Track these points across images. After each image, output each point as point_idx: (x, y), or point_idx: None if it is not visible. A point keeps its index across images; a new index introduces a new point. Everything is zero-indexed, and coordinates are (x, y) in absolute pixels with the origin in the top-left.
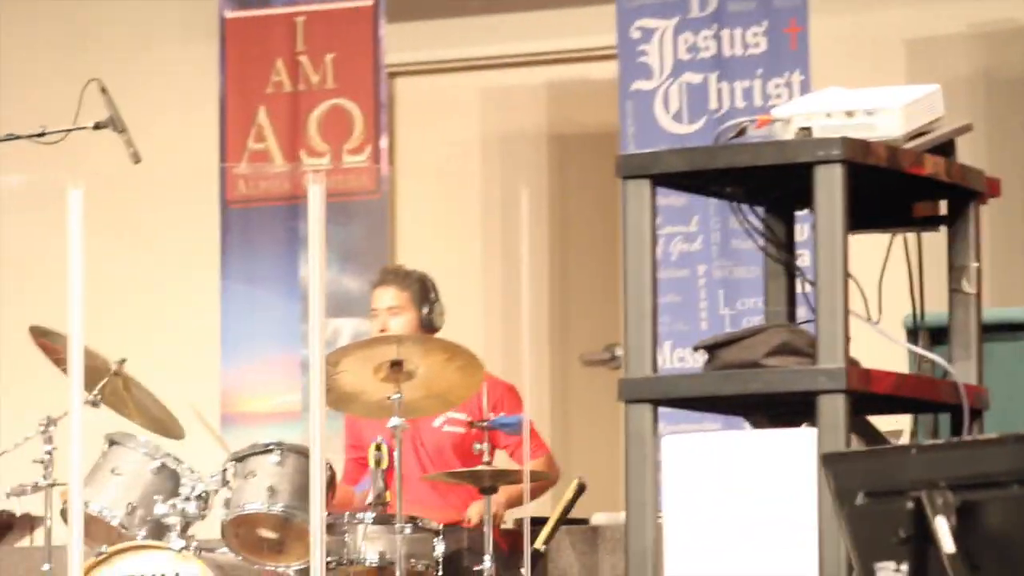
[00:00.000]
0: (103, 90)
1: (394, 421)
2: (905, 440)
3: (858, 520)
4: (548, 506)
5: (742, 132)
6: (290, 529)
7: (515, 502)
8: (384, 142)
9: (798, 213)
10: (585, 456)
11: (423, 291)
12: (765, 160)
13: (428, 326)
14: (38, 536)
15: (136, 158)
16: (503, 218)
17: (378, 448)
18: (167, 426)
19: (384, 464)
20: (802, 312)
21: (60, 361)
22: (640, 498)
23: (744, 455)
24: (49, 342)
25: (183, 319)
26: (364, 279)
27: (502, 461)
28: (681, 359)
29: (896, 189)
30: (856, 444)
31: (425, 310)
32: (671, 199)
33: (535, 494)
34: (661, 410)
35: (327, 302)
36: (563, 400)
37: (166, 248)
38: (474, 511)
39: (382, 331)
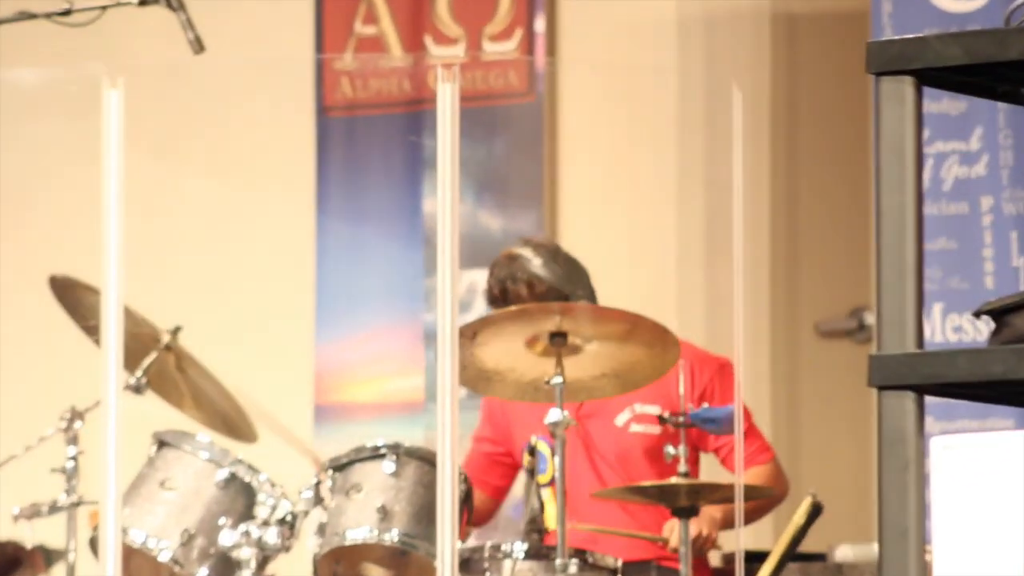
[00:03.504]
0: None
1: (554, 415)
2: None
3: None
4: (771, 535)
5: None
6: (408, 566)
7: (733, 520)
8: (540, 25)
9: None
10: (821, 464)
11: (557, 291)
12: None
13: None
14: None
15: (198, 46)
16: (708, 128)
17: (532, 452)
18: (234, 423)
19: (547, 476)
20: None
21: (92, 328)
22: (899, 524)
23: None
24: (77, 298)
25: (263, 271)
26: (510, 215)
27: (712, 469)
28: (957, 329)
29: None
30: None
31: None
32: (944, 104)
33: (755, 515)
34: (929, 400)
35: (461, 246)
36: (790, 386)
37: (240, 172)
38: (673, 531)
39: None
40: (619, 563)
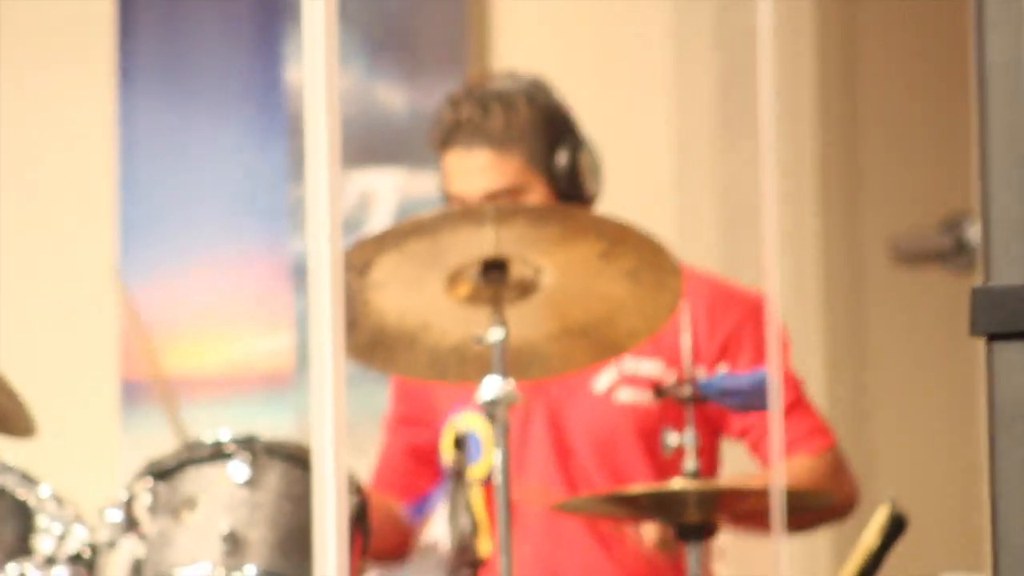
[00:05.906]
0: None
1: (491, 390)
2: None
3: None
4: (831, 561)
5: None
6: None
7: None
8: None
9: None
10: (902, 456)
11: (549, 135)
12: None
13: (570, 196)
14: None
15: None
16: None
17: (459, 444)
18: (2, 409)
19: (483, 468)
20: None
21: None
22: (1022, 542)
23: None
24: None
25: (38, 176)
26: (419, 87)
27: (734, 460)
28: None
29: None
30: None
31: (560, 164)
32: None
33: (805, 524)
34: None
35: (346, 134)
36: (852, 336)
37: (5, 30)
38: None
39: None
40: None
